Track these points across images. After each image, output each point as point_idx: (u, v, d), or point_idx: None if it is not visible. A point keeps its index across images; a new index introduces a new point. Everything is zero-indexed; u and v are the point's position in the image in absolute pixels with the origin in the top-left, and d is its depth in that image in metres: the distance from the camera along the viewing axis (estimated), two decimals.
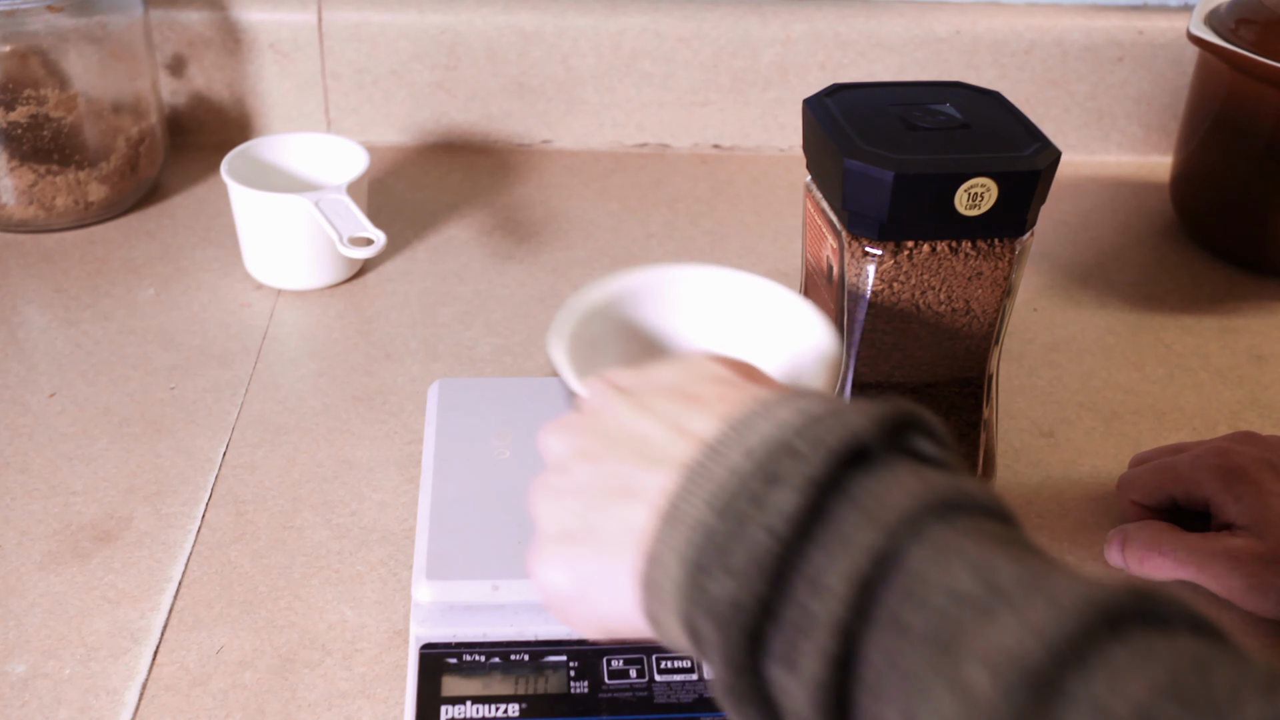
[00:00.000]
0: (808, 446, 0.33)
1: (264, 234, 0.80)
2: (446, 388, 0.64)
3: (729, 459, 0.35)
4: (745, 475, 0.34)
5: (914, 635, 0.30)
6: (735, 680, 0.33)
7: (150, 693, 0.54)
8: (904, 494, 0.32)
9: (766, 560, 0.32)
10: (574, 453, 0.41)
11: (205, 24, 0.96)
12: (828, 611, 0.31)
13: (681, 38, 0.97)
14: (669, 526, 0.35)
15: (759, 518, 0.33)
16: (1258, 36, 0.81)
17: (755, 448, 0.34)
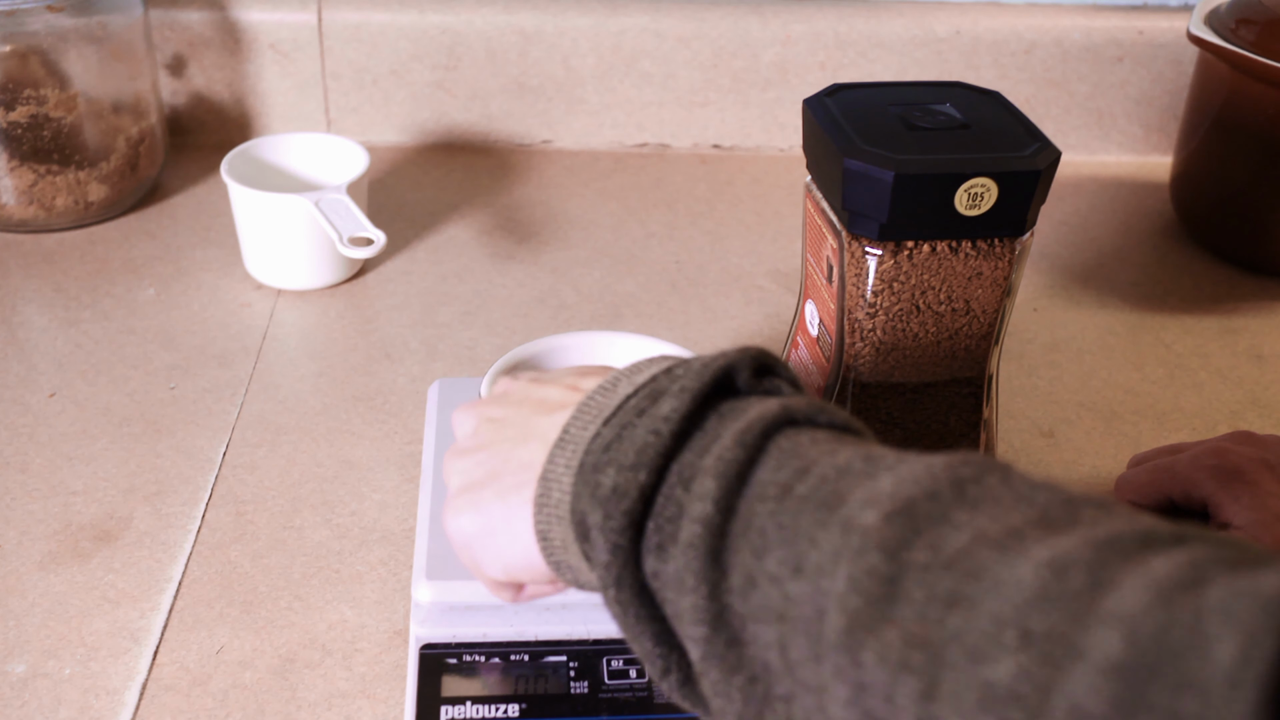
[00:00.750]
0: (685, 371, 0.39)
1: (264, 234, 0.80)
2: (446, 388, 0.64)
3: (618, 393, 0.40)
4: (632, 397, 0.39)
5: (797, 498, 0.34)
6: (618, 569, 0.36)
7: (150, 693, 0.54)
8: (774, 406, 0.37)
9: (647, 453, 0.37)
10: (480, 420, 0.45)
11: (205, 24, 0.96)
12: (703, 492, 0.35)
13: (681, 38, 0.97)
14: (560, 449, 0.40)
15: (643, 422, 0.38)
16: (1258, 36, 0.81)
17: (642, 383, 0.40)
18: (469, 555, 0.44)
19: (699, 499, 0.35)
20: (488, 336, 0.78)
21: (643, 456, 0.37)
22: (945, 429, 0.60)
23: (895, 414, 0.59)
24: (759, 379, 0.40)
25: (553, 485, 0.40)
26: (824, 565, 0.32)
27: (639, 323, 0.80)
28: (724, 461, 0.35)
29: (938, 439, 0.60)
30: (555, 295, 0.82)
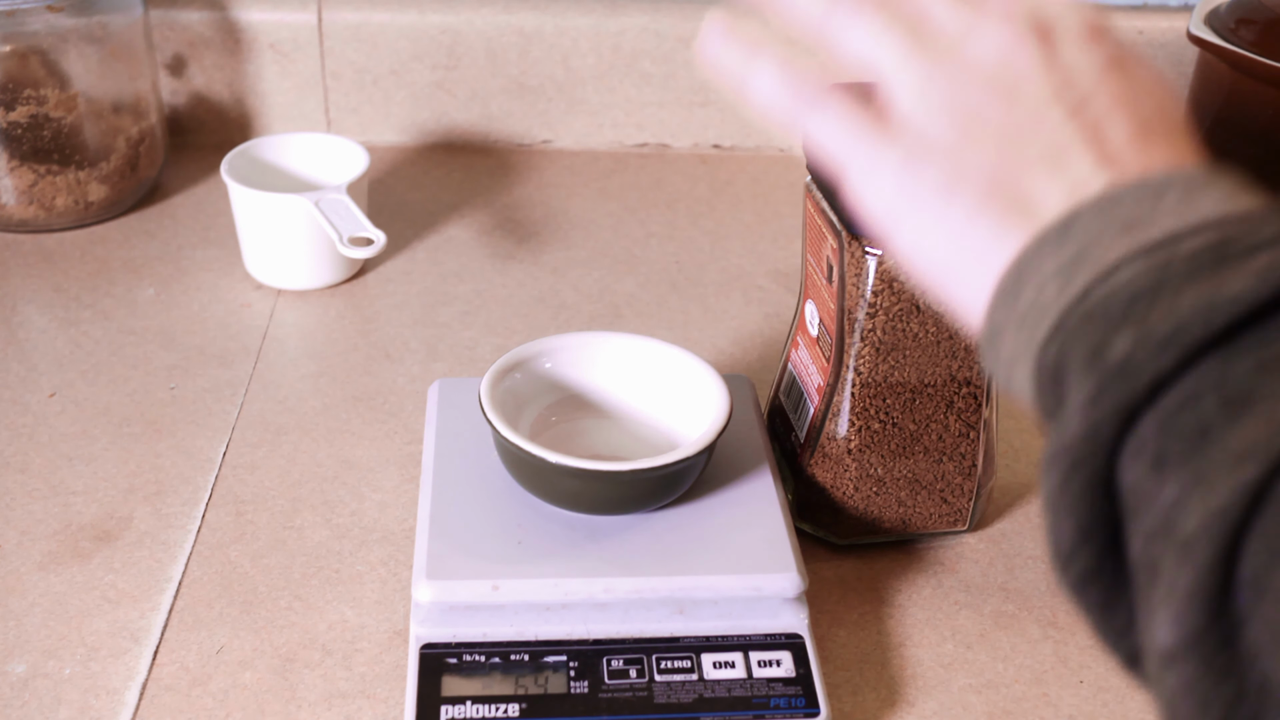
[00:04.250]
0: (1272, 237, 0.29)
1: (264, 234, 0.80)
2: (446, 388, 0.64)
3: (1165, 213, 0.30)
4: (1189, 237, 0.30)
5: None
6: (1083, 454, 0.29)
7: (150, 693, 0.54)
8: None
9: (1187, 336, 0.28)
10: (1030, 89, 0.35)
11: (205, 24, 0.96)
12: (1262, 442, 0.27)
13: (681, 38, 0.97)
14: (1059, 240, 0.31)
15: (1195, 289, 0.29)
16: (1258, 36, 0.81)
17: (1210, 219, 0.30)
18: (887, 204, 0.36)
19: (1247, 457, 0.27)
20: (488, 336, 0.78)
21: (1180, 337, 0.28)
22: (945, 429, 0.60)
23: (895, 414, 0.59)
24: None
25: (1027, 283, 0.32)
26: None
27: (639, 323, 0.80)
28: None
29: (938, 439, 0.60)
30: (555, 295, 0.82)
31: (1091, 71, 0.35)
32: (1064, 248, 0.31)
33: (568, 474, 0.54)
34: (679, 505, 0.57)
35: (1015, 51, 0.35)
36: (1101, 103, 0.35)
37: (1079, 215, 0.32)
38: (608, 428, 0.61)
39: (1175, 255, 0.29)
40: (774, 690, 0.51)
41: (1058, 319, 0.31)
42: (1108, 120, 0.34)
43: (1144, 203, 0.31)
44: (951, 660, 0.57)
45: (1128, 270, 0.30)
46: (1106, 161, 0.33)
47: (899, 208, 0.36)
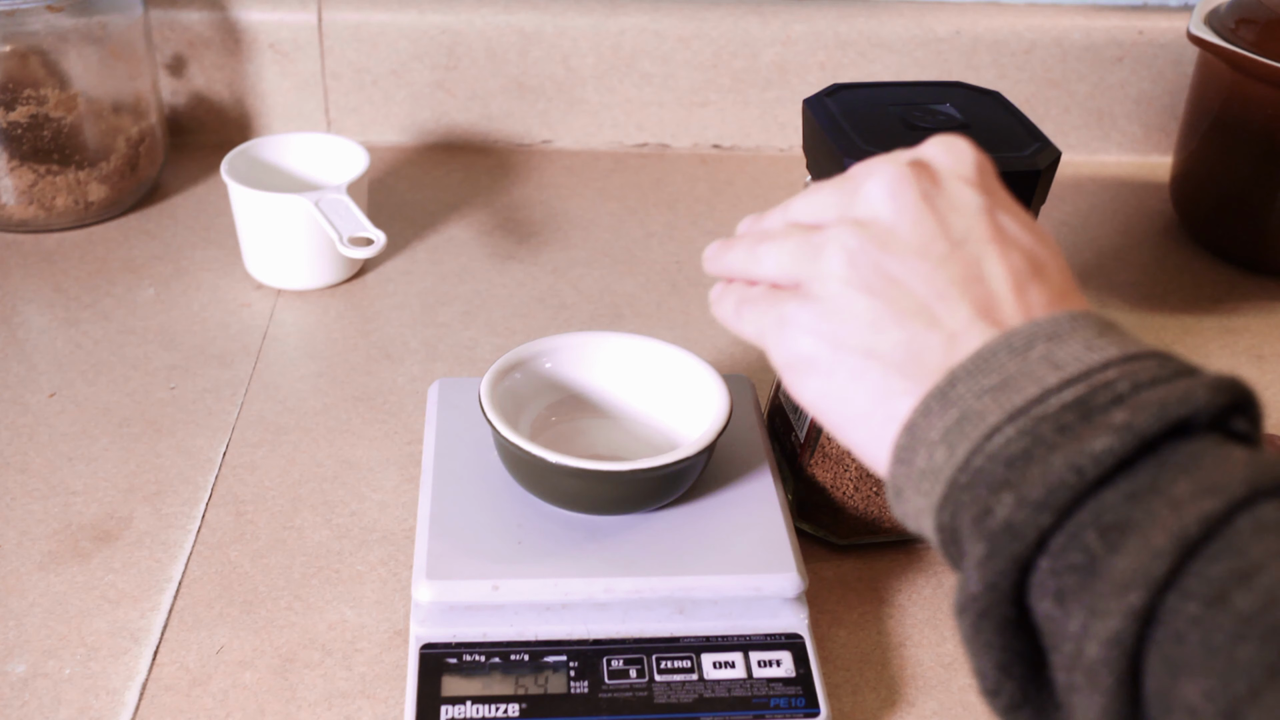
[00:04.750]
0: (1130, 389, 0.32)
1: (264, 234, 0.80)
2: (446, 388, 0.64)
3: (1033, 373, 0.33)
4: (1053, 396, 0.32)
5: (1234, 613, 0.28)
6: (987, 604, 0.32)
7: (150, 693, 0.54)
8: (1236, 467, 0.30)
9: (1059, 495, 0.31)
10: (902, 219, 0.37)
11: (205, 24, 0.96)
12: (1141, 568, 0.29)
13: (681, 38, 0.97)
14: (941, 405, 0.34)
15: (1063, 452, 0.31)
16: (1258, 36, 0.81)
17: (1071, 377, 0.33)
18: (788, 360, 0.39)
19: (1130, 584, 0.29)
20: (488, 336, 0.78)
21: (1054, 497, 0.31)
22: None
23: None
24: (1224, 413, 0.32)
25: (919, 448, 0.34)
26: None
27: (639, 323, 0.80)
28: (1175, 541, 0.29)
29: None
30: (555, 295, 0.82)
31: (968, 214, 0.38)
32: (947, 412, 0.34)
33: (568, 474, 0.53)
34: (679, 505, 0.57)
35: (895, 199, 0.38)
36: (975, 247, 0.37)
37: (956, 378, 0.34)
38: (608, 428, 0.61)
39: (1043, 416, 0.32)
40: (774, 690, 0.51)
41: (946, 486, 0.33)
42: (982, 263, 0.37)
43: (1013, 360, 0.34)
44: (951, 660, 0.57)
45: (1001, 436, 0.32)
46: (984, 311, 0.36)
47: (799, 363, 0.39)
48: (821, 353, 0.38)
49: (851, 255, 0.38)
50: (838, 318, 0.38)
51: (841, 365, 0.37)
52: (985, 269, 0.36)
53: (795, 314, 0.39)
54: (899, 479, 0.35)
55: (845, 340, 0.37)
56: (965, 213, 0.38)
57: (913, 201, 0.38)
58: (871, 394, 0.36)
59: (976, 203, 0.38)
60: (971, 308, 0.36)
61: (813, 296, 0.39)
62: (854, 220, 0.39)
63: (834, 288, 0.38)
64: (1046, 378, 0.33)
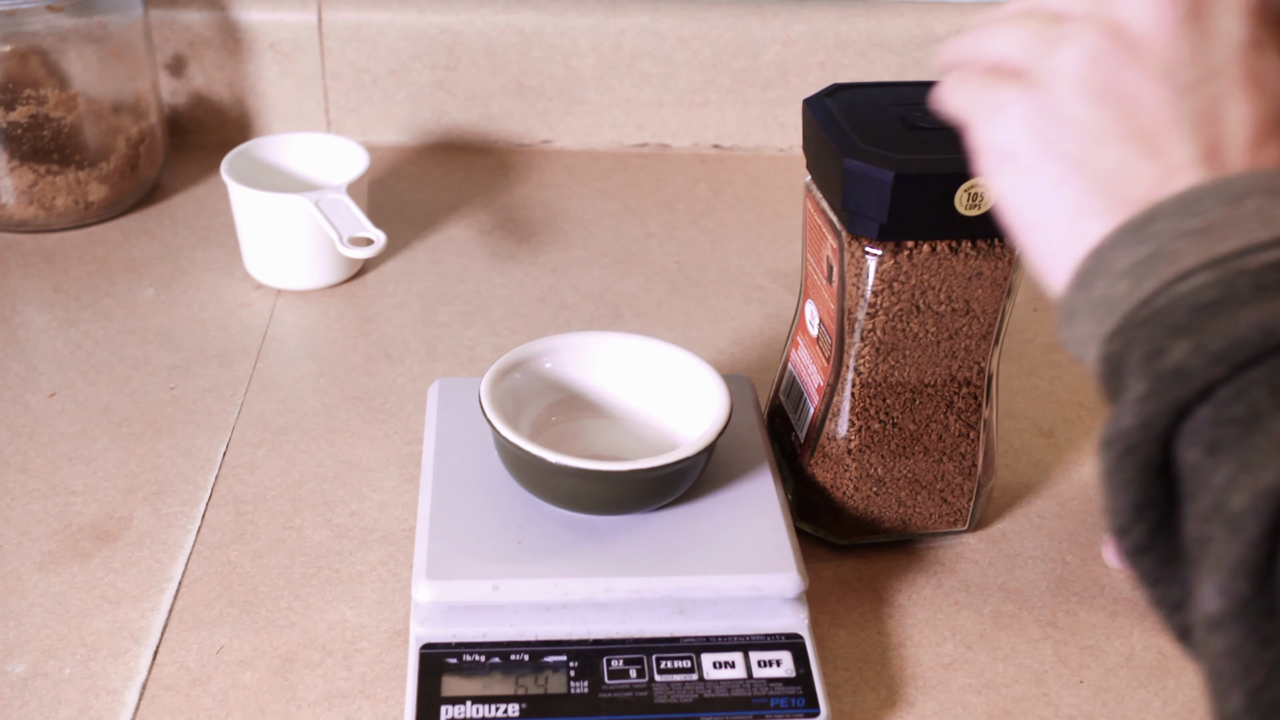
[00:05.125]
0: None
1: (264, 234, 0.80)
2: (446, 388, 0.64)
3: (1245, 223, 0.31)
4: (1261, 251, 0.31)
5: None
6: (1137, 439, 0.31)
7: (150, 693, 0.54)
8: None
9: (1241, 351, 0.30)
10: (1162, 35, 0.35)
11: (205, 24, 0.96)
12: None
13: (681, 38, 0.97)
14: (1135, 237, 0.32)
15: (1257, 306, 0.30)
16: None
17: (1278, 222, 0.31)
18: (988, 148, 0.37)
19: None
20: (488, 336, 0.78)
21: (1234, 353, 0.30)
22: (945, 429, 0.60)
23: (895, 414, 0.59)
24: None
25: (1102, 274, 0.33)
26: None
27: (639, 323, 0.80)
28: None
29: (937, 439, 0.60)
30: (555, 295, 0.82)
31: (1227, 46, 0.35)
32: (1140, 246, 0.33)
33: (568, 474, 0.54)
34: (679, 505, 0.57)
35: (1156, 8, 0.35)
36: (1224, 84, 0.34)
37: (1157, 214, 0.33)
38: (608, 428, 0.61)
39: (1242, 270, 0.31)
40: (774, 690, 0.51)
41: (1122, 319, 0.32)
42: (1225, 104, 0.34)
43: (1221, 208, 0.32)
44: (951, 660, 0.57)
45: (1195, 280, 0.31)
46: (1208, 154, 0.34)
47: (1002, 153, 0.37)
48: (1028, 148, 0.36)
49: (1093, 57, 0.35)
50: (1057, 118, 0.36)
51: (1045, 167, 0.36)
52: (1226, 110, 0.34)
53: (1014, 101, 0.37)
54: (1073, 302, 0.34)
55: (1057, 143, 0.36)
56: (1225, 44, 0.35)
57: (1174, 17, 0.35)
58: (1067, 206, 0.35)
59: (1240, 36, 0.35)
60: (1198, 147, 0.34)
61: (1037, 87, 0.36)
62: (1106, 19, 0.36)
63: (1063, 85, 0.36)
64: (1256, 232, 0.31)
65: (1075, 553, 0.63)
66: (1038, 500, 0.66)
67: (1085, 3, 0.37)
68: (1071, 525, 0.65)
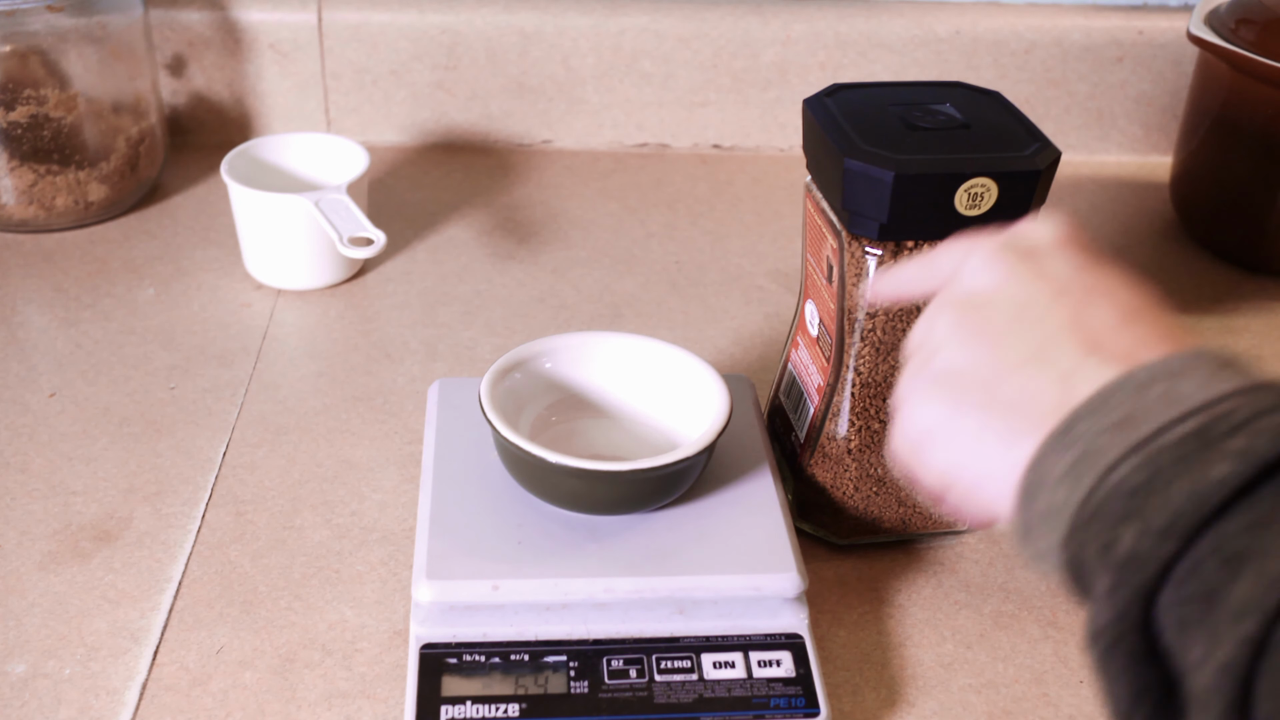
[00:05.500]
0: (1249, 414, 0.33)
1: (264, 234, 0.80)
2: (446, 388, 0.64)
3: (1150, 408, 0.34)
4: (1175, 427, 0.33)
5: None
6: (1117, 633, 0.33)
7: (150, 693, 0.54)
8: None
9: (1183, 522, 0.31)
10: (1006, 285, 0.40)
11: (205, 24, 0.96)
12: (1256, 596, 0.30)
13: (681, 38, 0.97)
14: (1061, 445, 0.35)
15: (1184, 479, 0.32)
16: (1258, 36, 0.81)
17: (1191, 409, 0.33)
18: (912, 448, 0.40)
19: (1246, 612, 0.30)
20: (488, 336, 0.78)
21: (1176, 525, 0.32)
22: None
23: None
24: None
25: (1043, 487, 0.35)
26: None
27: (639, 323, 0.80)
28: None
29: None
30: (555, 295, 0.82)
31: (1068, 270, 0.40)
32: (1068, 451, 0.35)
33: (568, 474, 0.54)
34: (679, 505, 0.57)
35: (992, 268, 0.41)
36: (1075, 296, 0.39)
37: (1077, 418, 0.35)
38: (608, 428, 0.61)
39: (1162, 447, 0.33)
40: (774, 690, 0.51)
41: (1070, 523, 0.34)
42: (1083, 310, 0.39)
43: (1132, 399, 0.35)
44: (951, 660, 0.57)
45: (1123, 467, 0.33)
46: (1091, 347, 0.37)
47: (923, 439, 0.40)
48: (942, 419, 0.39)
49: (958, 319, 0.40)
50: (952, 380, 0.40)
51: (963, 427, 0.39)
52: (1088, 313, 0.38)
53: (912, 390, 0.41)
54: (1026, 519, 0.36)
55: (962, 400, 0.39)
56: (1062, 271, 0.40)
57: (1009, 266, 0.41)
58: (996, 445, 0.38)
59: (1072, 263, 0.41)
60: (1079, 347, 0.37)
61: (926, 369, 0.41)
62: (957, 296, 0.41)
63: (945, 353, 0.40)
64: (1166, 412, 0.34)
65: None
66: None
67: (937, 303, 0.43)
68: None
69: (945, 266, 0.44)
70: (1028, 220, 0.43)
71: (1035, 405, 0.37)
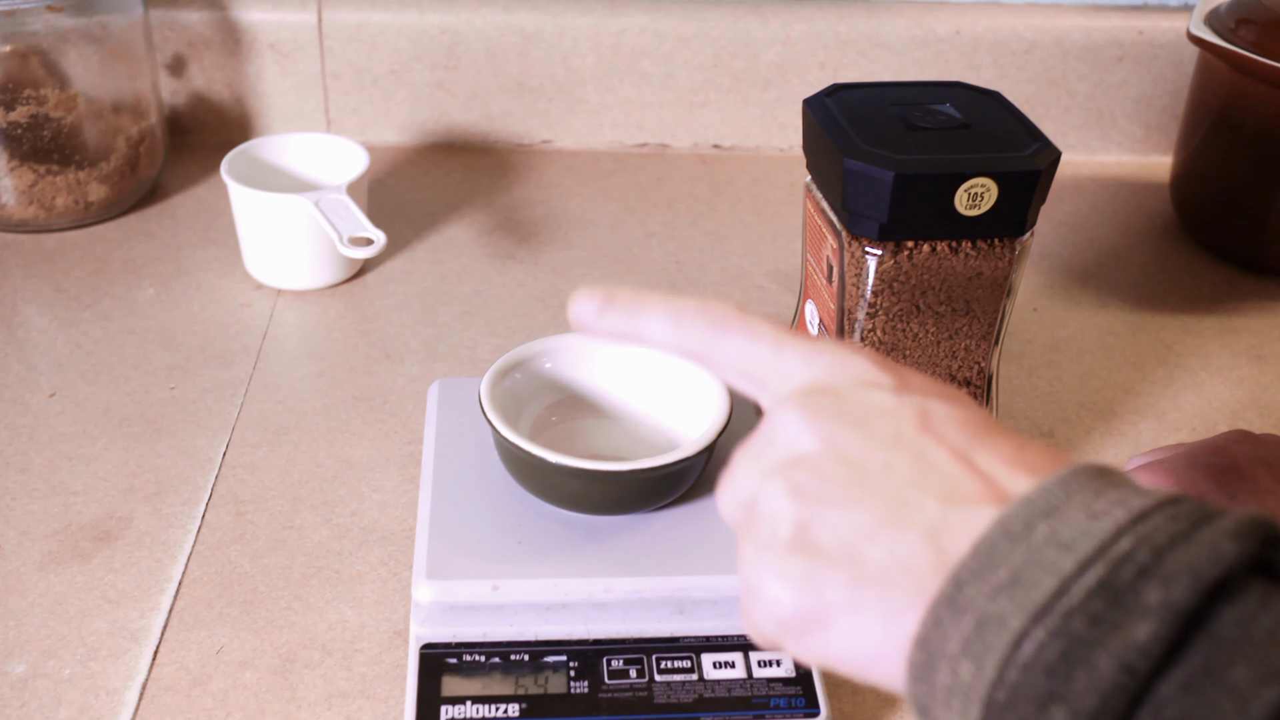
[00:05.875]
0: (1151, 558, 0.29)
1: (264, 234, 0.80)
2: (446, 388, 0.64)
3: (1045, 558, 0.30)
4: (1076, 580, 0.29)
5: None
6: None
7: (150, 693, 0.54)
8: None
9: (1116, 700, 0.28)
10: (827, 435, 0.35)
11: (205, 24, 0.96)
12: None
13: (681, 38, 0.97)
14: (952, 613, 0.31)
15: (1106, 648, 0.28)
16: (1258, 36, 0.81)
17: (1088, 555, 0.30)
18: (767, 629, 0.35)
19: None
20: (488, 336, 0.78)
21: (1110, 704, 0.28)
22: None
23: None
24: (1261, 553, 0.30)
25: (939, 663, 0.31)
26: None
27: None
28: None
29: None
30: (555, 295, 0.82)
31: (887, 413, 0.35)
32: (961, 619, 0.31)
33: (568, 474, 0.54)
34: (679, 505, 0.57)
35: (810, 427, 0.35)
36: (912, 440, 0.34)
37: (961, 580, 0.31)
38: (608, 428, 0.61)
39: (1070, 609, 0.29)
40: (774, 690, 0.51)
41: (983, 707, 0.30)
42: (927, 447, 0.34)
43: (1016, 549, 0.31)
44: None
45: (1031, 642, 0.29)
46: (948, 495, 0.33)
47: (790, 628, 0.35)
48: (805, 600, 0.34)
49: (790, 486, 0.35)
50: (804, 553, 0.34)
51: (832, 609, 0.33)
52: (930, 453, 0.34)
53: (759, 568, 0.35)
54: (921, 697, 0.32)
55: (823, 576, 0.33)
56: (883, 413, 0.35)
57: (829, 422, 0.35)
58: (876, 624, 0.33)
59: (891, 401, 0.35)
60: (936, 497, 0.33)
61: (769, 555, 0.35)
62: (778, 466, 0.35)
63: (786, 535, 0.34)
64: (1060, 563, 0.30)
65: None
66: None
67: (752, 472, 0.36)
68: None
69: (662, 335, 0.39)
70: (816, 361, 0.37)
71: (908, 572, 0.32)
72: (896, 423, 0.35)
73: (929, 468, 0.33)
